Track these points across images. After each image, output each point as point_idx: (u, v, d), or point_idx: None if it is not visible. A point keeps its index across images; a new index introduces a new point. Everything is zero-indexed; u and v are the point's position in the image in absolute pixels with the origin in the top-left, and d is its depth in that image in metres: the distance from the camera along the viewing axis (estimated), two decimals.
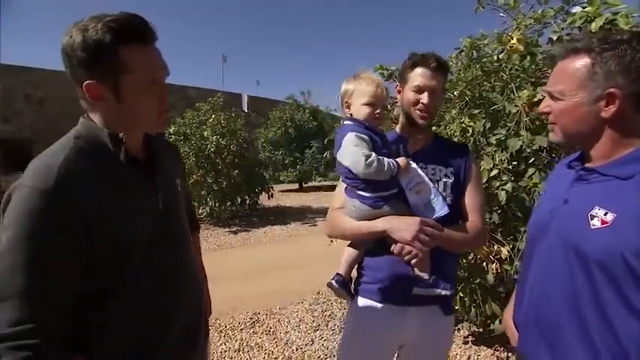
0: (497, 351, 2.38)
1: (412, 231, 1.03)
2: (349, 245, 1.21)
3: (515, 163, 1.96)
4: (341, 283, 1.17)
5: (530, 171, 1.87)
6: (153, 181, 0.86)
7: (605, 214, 0.73)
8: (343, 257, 1.20)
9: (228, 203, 7.70)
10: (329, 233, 1.27)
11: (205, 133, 7.29)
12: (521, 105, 1.84)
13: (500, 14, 2.13)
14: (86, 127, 0.79)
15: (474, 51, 2.19)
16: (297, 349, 2.57)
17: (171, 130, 7.26)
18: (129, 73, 0.74)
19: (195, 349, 0.96)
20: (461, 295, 2.23)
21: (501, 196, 1.86)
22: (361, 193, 1.09)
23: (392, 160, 1.06)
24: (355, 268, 1.23)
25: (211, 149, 7.15)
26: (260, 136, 13.13)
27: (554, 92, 0.82)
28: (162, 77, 0.81)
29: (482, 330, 2.42)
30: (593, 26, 1.64)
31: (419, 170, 1.15)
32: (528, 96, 1.83)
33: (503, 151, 1.96)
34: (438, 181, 1.17)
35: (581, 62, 0.77)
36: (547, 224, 0.86)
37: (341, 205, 1.20)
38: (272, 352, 2.54)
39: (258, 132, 13.15)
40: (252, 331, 2.87)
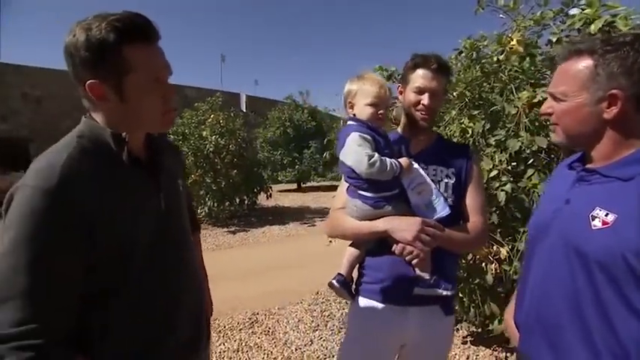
0: (495, 351, 2.39)
1: (413, 231, 1.04)
2: (350, 245, 1.21)
3: (514, 163, 1.97)
4: (342, 282, 1.17)
5: (529, 172, 1.88)
6: (155, 181, 0.85)
7: (606, 215, 0.73)
8: (344, 257, 1.20)
9: (227, 203, 7.68)
10: (330, 233, 1.27)
11: (204, 133, 7.28)
12: (520, 106, 1.85)
13: (500, 15, 2.14)
14: (89, 127, 0.79)
15: (474, 52, 2.20)
16: (296, 350, 2.56)
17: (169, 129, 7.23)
18: (132, 72, 0.74)
19: (198, 349, 0.96)
20: (460, 295, 2.24)
21: (500, 196, 1.87)
22: (363, 193, 1.10)
23: (394, 160, 1.06)
24: (356, 268, 1.23)
25: (210, 149, 7.14)
26: (259, 136, 13.11)
27: (557, 93, 0.83)
28: (166, 76, 0.81)
29: (480, 330, 2.42)
30: (593, 28, 1.65)
31: (421, 171, 1.15)
32: (528, 97, 1.83)
33: (502, 152, 1.97)
34: (440, 182, 1.18)
35: (583, 64, 0.78)
36: (548, 225, 0.86)
37: (342, 205, 1.20)
38: (271, 352, 2.54)
39: (256, 132, 13.14)
40: (250, 331, 2.87)
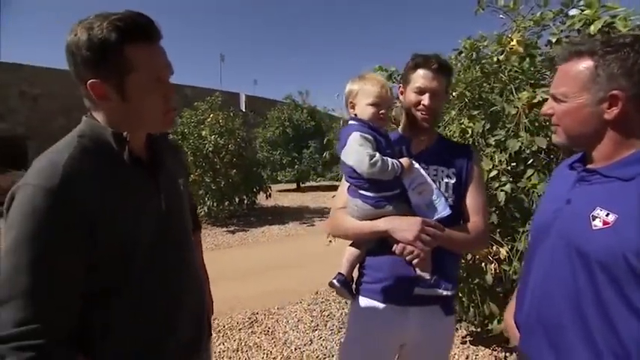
0: (495, 351, 2.39)
1: (414, 231, 1.04)
2: (351, 245, 1.21)
3: (514, 164, 1.97)
4: (342, 282, 1.17)
5: (529, 172, 1.88)
6: (156, 181, 0.85)
7: (606, 215, 0.74)
8: (345, 257, 1.20)
9: (226, 203, 7.67)
10: (331, 232, 1.27)
11: (203, 133, 7.26)
12: (520, 106, 1.85)
13: (500, 16, 2.15)
14: (90, 126, 0.79)
15: (474, 52, 2.20)
16: (295, 349, 2.57)
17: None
18: (134, 72, 0.74)
19: (199, 350, 0.96)
20: (459, 295, 2.25)
21: (500, 196, 1.87)
22: (364, 192, 1.10)
23: (396, 160, 1.06)
24: (356, 268, 1.23)
25: (209, 149, 7.12)
26: (258, 135, 13.11)
27: (558, 94, 0.83)
28: (167, 76, 0.81)
29: (480, 330, 2.43)
30: (592, 29, 1.65)
31: (422, 171, 1.16)
32: (527, 97, 1.84)
33: (502, 152, 1.97)
34: (440, 182, 1.18)
35: (584, 65, 0.78)
36: (549, 225, 0.87)
37: (343, 204, 1.20)
38: (270, 352, 2.54)
39: (256, 132, 13.13)
40: (250, 331, 2.87)
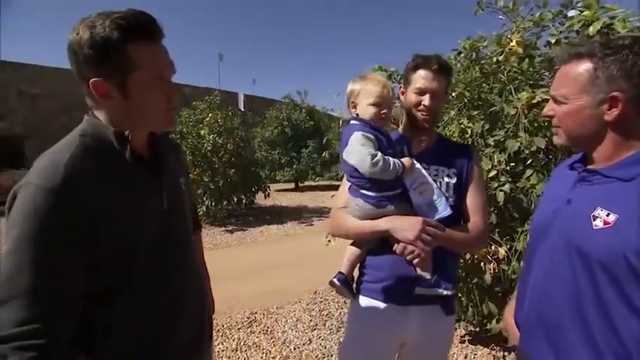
0: (493, 350, 2.40)
1: (415, 231, 1.04)
2: (352, 244, 1.21)
3: (513, 164, 1.98)
4: (343, 281, 1.17)
5: (527, 172, 1.89)
6: (157, 180, 0.85)
7: (607, 215, 0.74)
8: (345, 256, 1.20)
9: (225, 202, 7.67)
10: (332, 232, 1.27)
11: (202, 132, 7.25)
12: (519, 107, 1.86)
13: (500, 16, 2.15)
14: (91, 125, 0.78)
15: (473, 52, 2.21)
16: (294, 349, 2.57)
17: None
18: (136, 70, 0.74)
19: (200, 350, 0.96)
20: (458, 294, 2.25)
21: (499, 196, 1.88)
22: (365, 192, 1.10)
23: (397, 160, 1.06)
24: (357, 267, 1.24)
25: (208, 148, 7.11)
26: (256, 135, 13.10)
27: (558, 96, 0.83)
28: (170, 74, 0.81)
29: (479, 329, 2.44)
30: (591, 30, 1.66)
31: (423, 171, 1.16)
32: (527, 98, 1.84)
33: (501, 153, 1.98)
34: (441, 182, 1.18)
35: (583, 67, 0.78)
36: (549, 225, 0.87)
37: (344, 204, 1.21)
38: (269, 351, 2.54)
39: (254, 131, 13.12)
40: (249, 330, 2.87)
